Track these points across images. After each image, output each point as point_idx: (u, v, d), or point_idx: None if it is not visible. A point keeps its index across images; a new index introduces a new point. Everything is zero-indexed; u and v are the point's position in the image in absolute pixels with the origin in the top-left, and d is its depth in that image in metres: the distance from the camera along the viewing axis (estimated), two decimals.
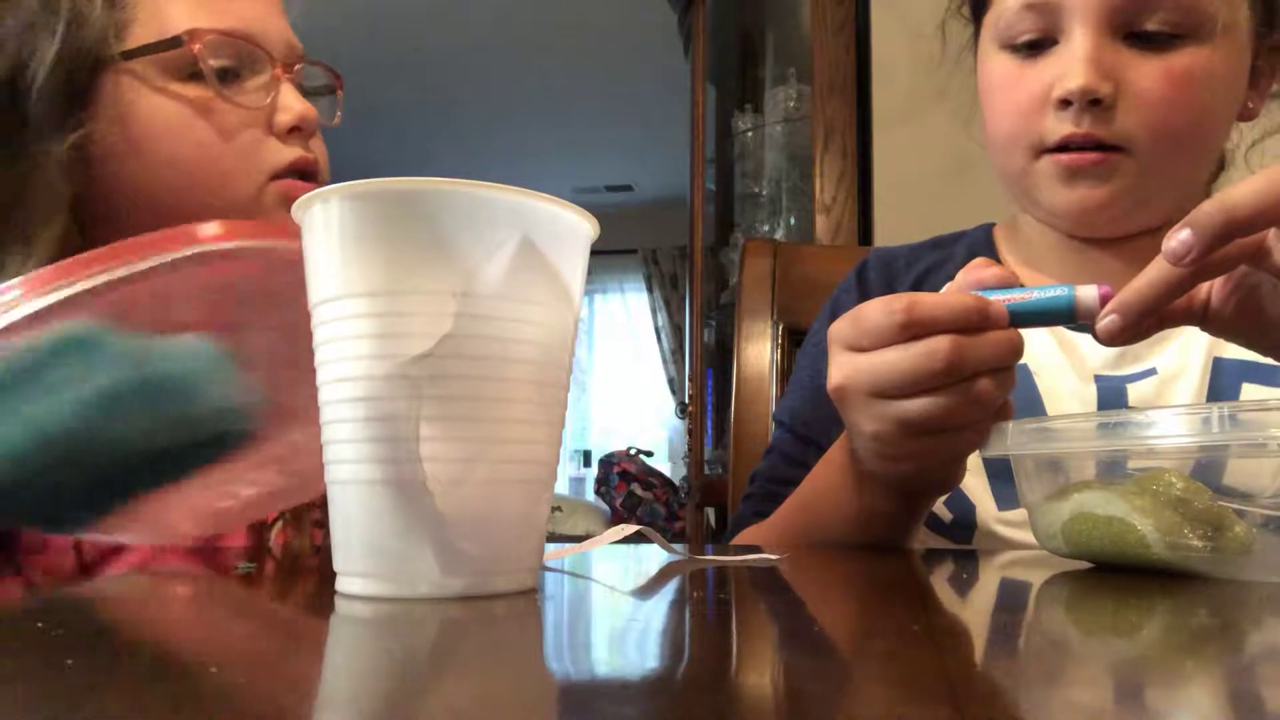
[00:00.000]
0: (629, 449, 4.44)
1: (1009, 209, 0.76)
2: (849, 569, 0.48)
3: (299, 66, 0.67)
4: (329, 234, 0.35)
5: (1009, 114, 0.66)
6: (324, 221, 0.35)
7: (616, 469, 4.32)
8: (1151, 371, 0.66)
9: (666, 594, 0.37)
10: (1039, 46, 0.65)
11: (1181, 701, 0.22)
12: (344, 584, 0.35)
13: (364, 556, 0.34)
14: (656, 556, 0.48)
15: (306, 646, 0.29)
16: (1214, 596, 0.36)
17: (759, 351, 0.98)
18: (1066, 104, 0.62)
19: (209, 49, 0.61)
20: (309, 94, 0.68)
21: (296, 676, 0.25)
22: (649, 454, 4.51)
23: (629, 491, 4.25)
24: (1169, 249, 0.43)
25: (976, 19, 0.73)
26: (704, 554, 0.50)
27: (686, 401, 2.41)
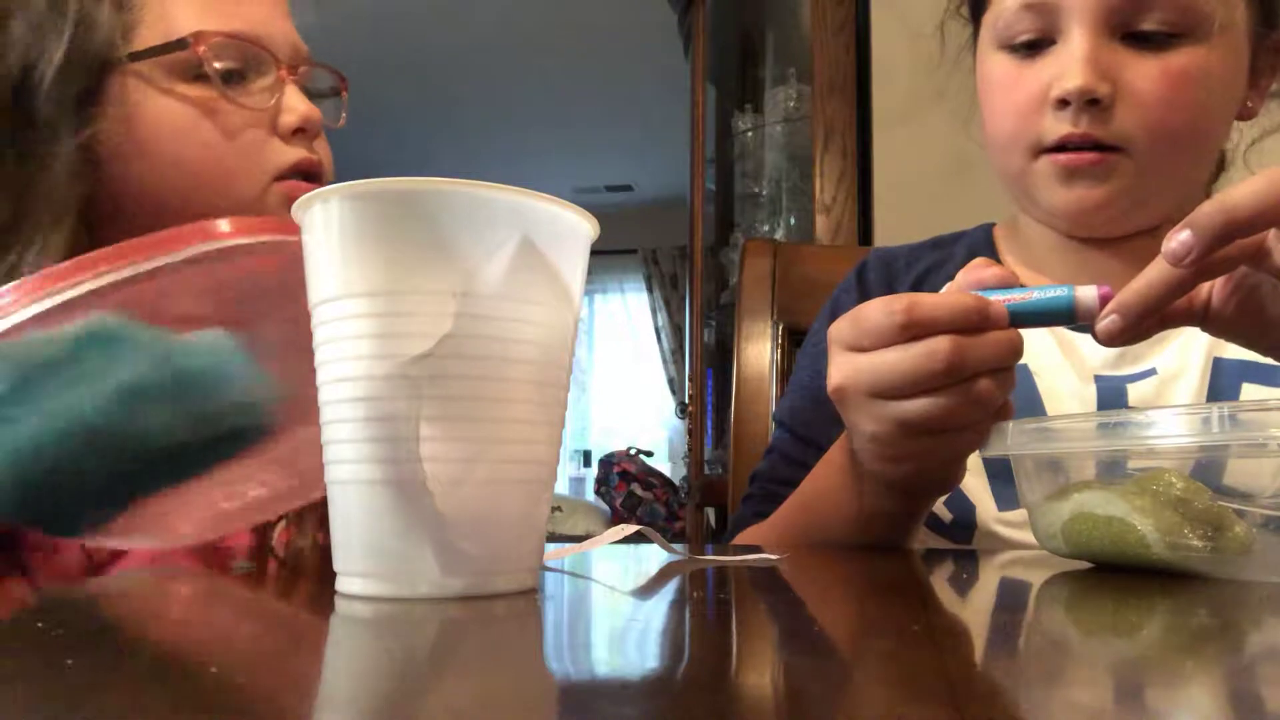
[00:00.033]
0: (629, 449, 4.44)
1: (1009, 209, 0.76)
2: (849, 569, 0.48)
3: (304, 69, 0.67)
4: (329, 234, 0.35)
5: (1007, 114, 0.67)
6: (324, 221, 0.35)
7: (616, 469, 4.32)
8: (1151, 372, 0.66)
9: (666, 594, 0.37)
10: (1037, 46, 0.65)
11: (1181, 701, 0.22)
12: (344, 584, 0.35)
13: (364, 556, 0.34)
14: (656, 556, 0.48)
15: (306, 646, 0.29)
16: (1214, 596, 0.36)
17: (759, 351, 0.98)
18: (1064, 104, 0.62)
19: (214, 51, 0.61)
20: (314, 96, 0.68)
21: (296, 676, 0.25)
22: (649, 454, 4.51)
23: (629, 491, 4.25)
24: (1169, 250, 0.43)
25: (975, 19, 0.73)
26: (704, 554, 0.50)
27: (686, 401, 2.41)
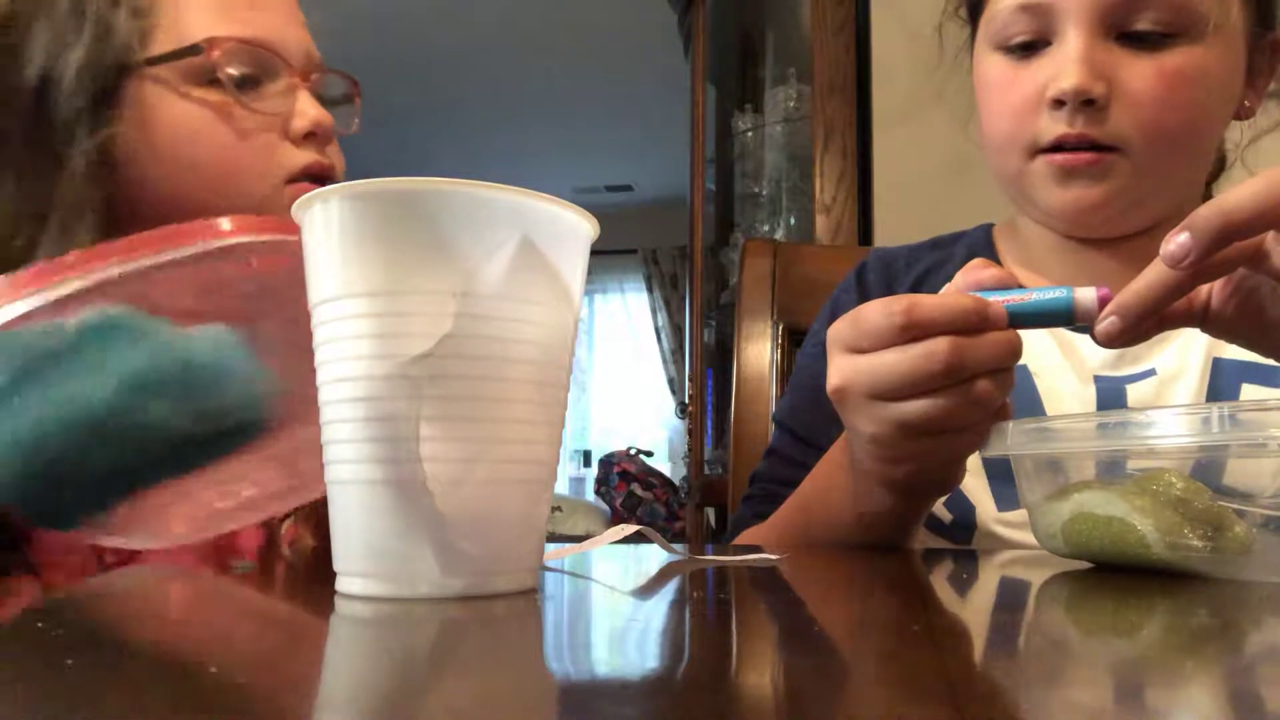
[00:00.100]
0: (629, 449, 4.44)
1: (1008, 209, 0.76)
2: (849, 569, 0.48)
3: (316, 75, 0.68)
4: (329, 234, 0.35)
5: (1004, 115, 0.67)
6: (324, 221, 0.35)
7: (616, 469, 4.32)
8: (1151, 372, 0.66)
9: (666, 594, 0.37)
10: (1033, 47, 0.65)
11: (1181, 701, 0.22)
12: (344, 584, 0.35)
13: (364, 556, 0.34)
14: (656, 556, 0.48)
15: (306, 646, 0.29)
16: (1214, 596, 0.36)
17: (759, 351, 0.98)
18: (1060, 104, 0.63)
19: (227, 56, 0.63)
20: (327, 103, 0.70)
21: (296, 676, 0.25)
22: (649, 454, 4.51)
23: (629, 491, 4.25)
24: (1167, 252, 0.43)
25: (973, 20, 0.73)
26: (704, 554, 0.50)
27: (686, 401, 2.41)
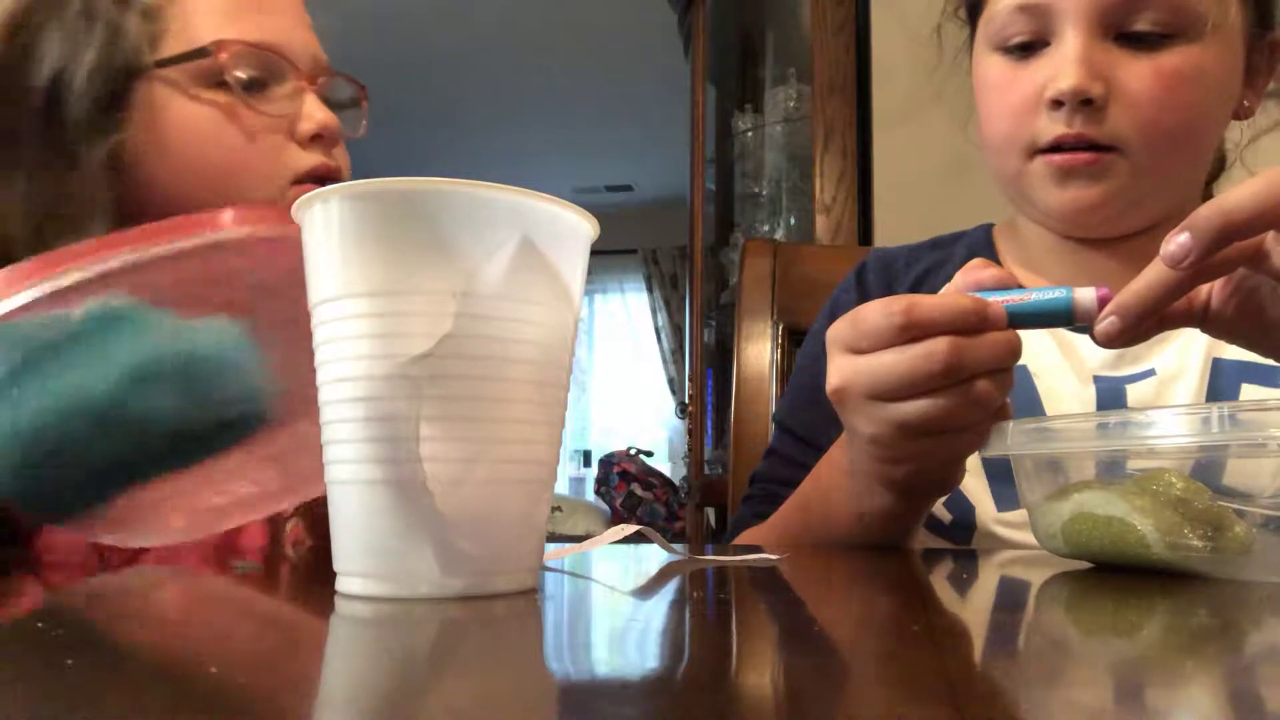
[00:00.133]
0: (629, 449, 4.44)
1: (1008, 209, 0.76)
2: (849, 569, 0.48)
3: (323, 79, 0.69)
4: (329, 234, 0.35)
5: (1002, 115, 0.67)
6: (324, 221, 0.35)
7: (616, 469, 4.32)
8: (1150, 372, 0.66)
9: (666, 594, 0.37)
10: (1031, 48, 0.65)
11: (1181, 701, 0.22)
12: (344, 584, 0.35)
13: (364, 556, 0.34)
14: (656, 556, 0.48)
15: (306, 646, 0.29)
16: (1214, 596, 0.36)
17: (759, 351, 0.98)
18: (1058, 105, 0.63)
19: (235, 59, 0.64)
20: (334, 106, 0.70)
21: (296, 676, 0.25)
22: (649, 454, 4.51)
23: (629, 491, 4.25)
24: (1167, 252, 0.43)
25: (972, 21, 0.73)
26: (704, 554, 0.50)
27: (686, 401, 2.41)
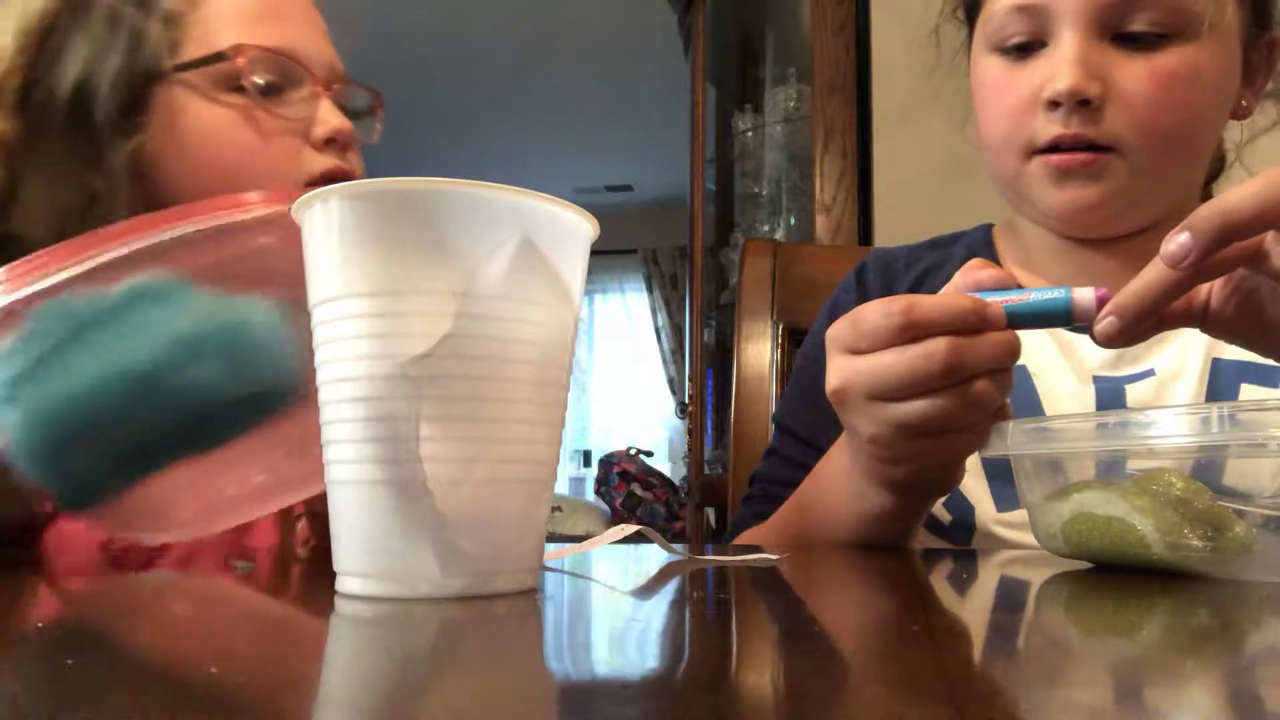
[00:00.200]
0: (629, 449, 4.44)
1: (1007, 210, 0.77)
2: (849, 569, 0.48)
3: (338, 86, 0.71)
4: (329, 234, 0.35)
5: (1000, 116, 0.67)
6: (324, 221, 0.35)
7: (616, 469, 4.32)
8: (1150, 373, 0.66)
9: (666, 594, 0.37)
10: (1029, 49, 0.65)
11: (1181, 701, 0.22)
12: (344, 584, 0.35)
13: (364, 556, 0.34)
14: (656, 556, 0.48)
15: (306, 646, 0.29)
16: (1214, 596, 0.36)
17: (759, 351, 0.98)
18: (1056, 105, 0.63)
19: (252, 64, 0.66)
20: (350, 114, 0.72)
21: (296, 676, 0.25)
22: (649, 454, 4.51)
23: (629, 491, 4.25)
24: (1167, 252, 0.43)
25: (970, 22, 0.73)
26: (704, 554, 0.50)
27: (686, 401, 2.41)
